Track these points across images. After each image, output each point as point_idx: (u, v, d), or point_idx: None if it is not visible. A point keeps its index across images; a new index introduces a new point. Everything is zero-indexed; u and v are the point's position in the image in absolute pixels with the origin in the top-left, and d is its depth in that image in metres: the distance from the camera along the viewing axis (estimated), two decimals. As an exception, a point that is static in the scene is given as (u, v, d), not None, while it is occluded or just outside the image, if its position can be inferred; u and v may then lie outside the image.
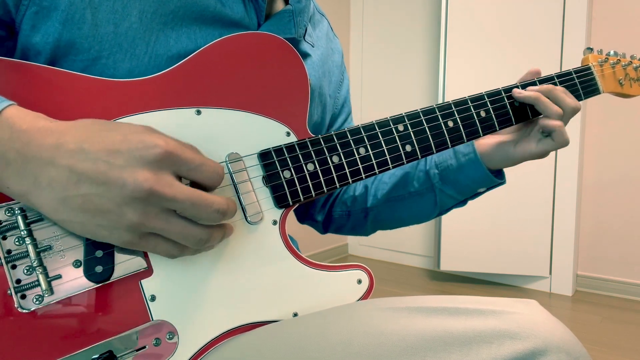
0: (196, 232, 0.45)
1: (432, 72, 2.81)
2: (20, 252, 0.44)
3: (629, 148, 2.37)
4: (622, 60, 0.78)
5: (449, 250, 2.58)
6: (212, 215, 0.44)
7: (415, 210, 0.77)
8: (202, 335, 0.50)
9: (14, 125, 0.40)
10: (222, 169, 0.47)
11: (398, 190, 0.76)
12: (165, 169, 0.42)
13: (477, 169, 0.70)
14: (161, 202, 0.42)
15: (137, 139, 0.42)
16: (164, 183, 0.41)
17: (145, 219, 0.42)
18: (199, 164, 0.44)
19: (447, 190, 0.73)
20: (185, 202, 0.42)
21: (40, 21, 0.49)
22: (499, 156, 0.69)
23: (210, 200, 0.44)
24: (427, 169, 0.74)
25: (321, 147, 0.58)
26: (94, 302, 0.46)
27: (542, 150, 0.67)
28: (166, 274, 0.49)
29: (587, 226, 2.50)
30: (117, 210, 0.41)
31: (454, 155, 0.71)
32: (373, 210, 0.79)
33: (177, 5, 0.54)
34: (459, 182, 0.72)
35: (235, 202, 0.47)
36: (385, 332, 0.46)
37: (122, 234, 0.42)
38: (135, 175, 0.40)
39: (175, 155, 0.43)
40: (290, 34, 0.64)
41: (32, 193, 0.41)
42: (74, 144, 0.41)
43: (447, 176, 0.72)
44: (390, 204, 0.77)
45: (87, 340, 0.46)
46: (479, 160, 0.70)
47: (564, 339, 0.44)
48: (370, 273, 0.59)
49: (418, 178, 0.75)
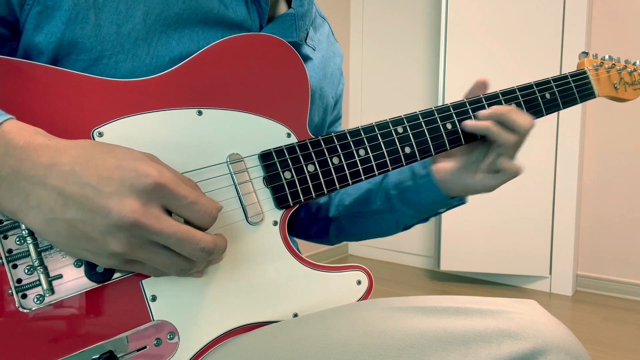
0: (179, 263, 0.44)
1: (432, 74, 2.81)
2: (21, 251, 0.44)
3: (629, 148, 2.37)
4: (617, 64, 0.78)
5: (449, 250, 2.58)
6: (196, 253, 0.43)
7: (377, 227, 0.76)
8: (202, 336, 0.50)
9: (10, 141, 0.40)
10: (217, 209, 0.45)
11: (361, 206, 0.75)
12: (154, 200, 0.41)
13: (434, 193, 0.68)
14: (145, 234, 0.41)
15: (131, 167, 0.41)
16: (150, 215, 0.40)
17: (128, 249, 0.41)
18: (192, 202, 0.43)
19: (406, 210, 0.72)
20: (171, 237, 0.41)
21: (43, 21, 0.49)
22: (457, 185, 0.67)
23: (197, 239, 0.43)
24: (387, 188, 0.72)
25: (321, 149, 0.58)
26: (95, 302, 0.46)
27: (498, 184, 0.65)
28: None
29: (587, 226, 2.50)
30: (101, 238, 0.40)
31: (412, 177, 0.70)
32: (335, 221, 0.78)
33: (181, 8, 0.54)
34: (417, 203, 0.71)
35: (225, 240, 0.46)
36: (385, 332, 0.46)
37: (106, 260, 0.42)
38: (122, 204, 0.40)
39: (167, 188, 0.41)
40: (292, 38, 0.64)
41: (22, 211, 0.40)
42: (68, 165, 0.40)
43: (406, 197, 0.71)
44: (353, 219, 0.76)
45: (87, 340, 0.46)
46: (435, 185, 0.68)
47: (563, 339, 0.44)
48: (369, 274, 0.59)
49: (380, 197, 0.73)
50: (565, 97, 0.72)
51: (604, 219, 2.46)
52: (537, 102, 0.70)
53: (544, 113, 0.71)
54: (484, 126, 0.63)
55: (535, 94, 0.70)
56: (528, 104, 0.70)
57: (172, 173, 0.43)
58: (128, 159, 0.42)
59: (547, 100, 0.71)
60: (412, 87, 2.90)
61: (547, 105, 0.71)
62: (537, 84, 0.70)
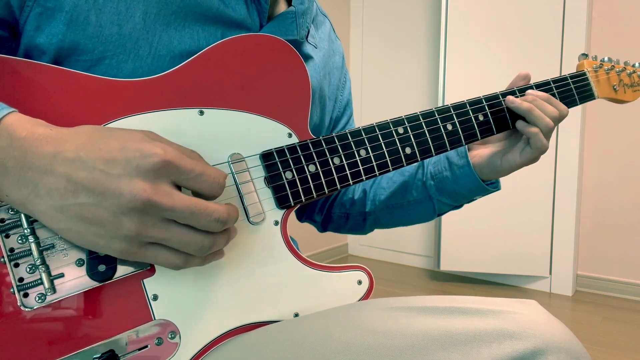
0: (198, 239, 0.44)
1: (432, 73, 2.81)
2: (23, 250, 0.44)
3: (629, 148, 2.37)
4: (616, 66, 0.78)
5: (449, 250, 2.58)
6: (211, 224, 0.43)
7: (413, 215, 0.78)
8: (203, 335, 0.50)
9: (13, 133, 0.40)
10: (223, 177, 0.46)
11: (397, 198, 0.77)
12: (163, 178, 0.42)
13: (472, 181, 0.71)
14: (159, 212, 0.41)
15: (135, 147, 0.41)
16: (161, 193, 0.41)
17: (143, 229, 0.41)
18: (199, 173, 0.44)
19: (443, 199, 0.74)
20: (184, 211, 0.42)
21: (44, 22, 0.49)
22: (488, 168, 0.70)
23: (210, 209, 0.43)
24: (424, 179, 0.75)
25: (322, 149, 0.58)
26: (96, 301, 0.47)
27: (525, 159, 0.67)
28: (168, 274, 0.49)
29: (587, 226, 2.50)
30: (114, 220, 0.41)
31: (449, 167, 0.72)
32: (372, 214, 0.80)
33: (180, 6, 0.54)
34: (455, 192, 0.73)
35: (237, 209, 0.47)
36: (386, 332, 0.46)
37: (120, 243, 0.42)
38: (132, 184, 0.40)
39: (174, 164, 0.42)
40: (293, 36, 0.64)
41: (31, 201, 0.41)
42: (72, 152, 0.40)
43: (443, 187, 0.73)
44: (389, 210, 0.78)
45: (88, 339, 0.46)
46: (474, 173, 0.70)
47: (564, 339, 0.44)
48: (370, 274, 0.59)
49: (416, 187, 0.75)
50: (565, 98, 0.72)
51: (604, 219, 2.46)
52: None
53: None
54: (527, 107, 0.66)
55: None
56: None
57: (175, 148, 0.44)
58: (130, 140, 0.42)
59: None
60: (412, 86, 2.90)
61: None
62: (537, 86, 0.70)
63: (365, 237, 3.18)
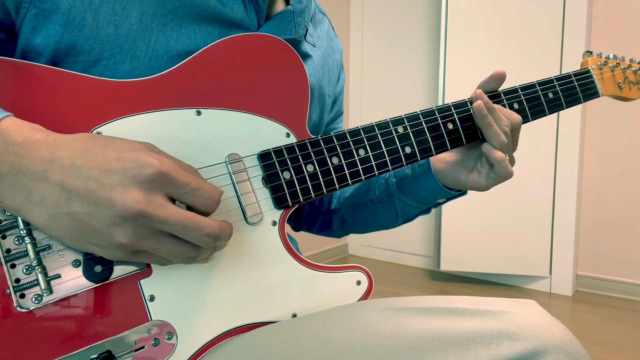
0: (185, 251, 0.44)
1: (432, 72, 2.81)
2: (19, 251, 0.44)
3: (629, 148, 2.37)
4: (621, 63, 0.77)
5: (449, 250, 2.58)
6: (203, 239, 0.43)
7: (378, 217, 0.77)
8: (201, 336, 0.50)
9: (9, 138, 0.40)
10: (219, 194, 0.46)
11: (360, 197, 0.76)
12: (157, 189, 0.42)
13: (431, 182, 0.69)
14: (151, 224, 0.41)
15: (132, 158, 0.41)
16: (154, 204, 0.41)
17: (135, 240, 0.41)
18: (194, 188, 0.43)
19: (405, 200, 0.73)
20: (177, 224, 0.42)
21: (40, 23, 0.49)
22: (453, 180, 0.69)
23: (202, 224, 0.43)
24: (387, 176, 0.74)
25: (321, 148, 0.58)
26: (93, 302, 0.46)
27: (490, 185, 0.66)
28: (165, 274, 0.49)
29: (587, 226, 2.50)
30: (107, 230, 0.40)
31: (410, 165, 0.70)
32: (337, 213, 0.79)
33: (177, 6, 0.54)
34: (416, 193, 0.72)
35: (230, 225, 0.47)
36: (385, 332, 0.46)
37: (113, 252, 0.42)
38: (126, 195, 0.40)
39: (170, 176, 0.42)
40: (291, 35, 0.64)
41: (25, 208, 0.40)
42: (68, 159, 0.40)
43: (404, 186, 0.72)
44: (354, 210, 0.78)
45: (85, 340, 0.46)
46: (432, 173, 0.69)
47: (563, 339, 0.44)
48: (369, 274, 0.59)
49: (379, 185, 0.74)
50: (569, 96, 0.71)
51: (603, 219, 2.46)
52: (539, 101, 0.70)
53: (546, 112, 0.70)
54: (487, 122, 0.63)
55: (538, 93, 0.70)
56: (530, 103, 0.69)
57: (172, 161, 0.44)
58: (128, 150, 0.42)
59: (550, 99, 0.70)
60: (412, 85, 2.90)
61: (550, 104, 0.70)
62: (540, 83, 0.70)
63: (365, 237, 3.18)
